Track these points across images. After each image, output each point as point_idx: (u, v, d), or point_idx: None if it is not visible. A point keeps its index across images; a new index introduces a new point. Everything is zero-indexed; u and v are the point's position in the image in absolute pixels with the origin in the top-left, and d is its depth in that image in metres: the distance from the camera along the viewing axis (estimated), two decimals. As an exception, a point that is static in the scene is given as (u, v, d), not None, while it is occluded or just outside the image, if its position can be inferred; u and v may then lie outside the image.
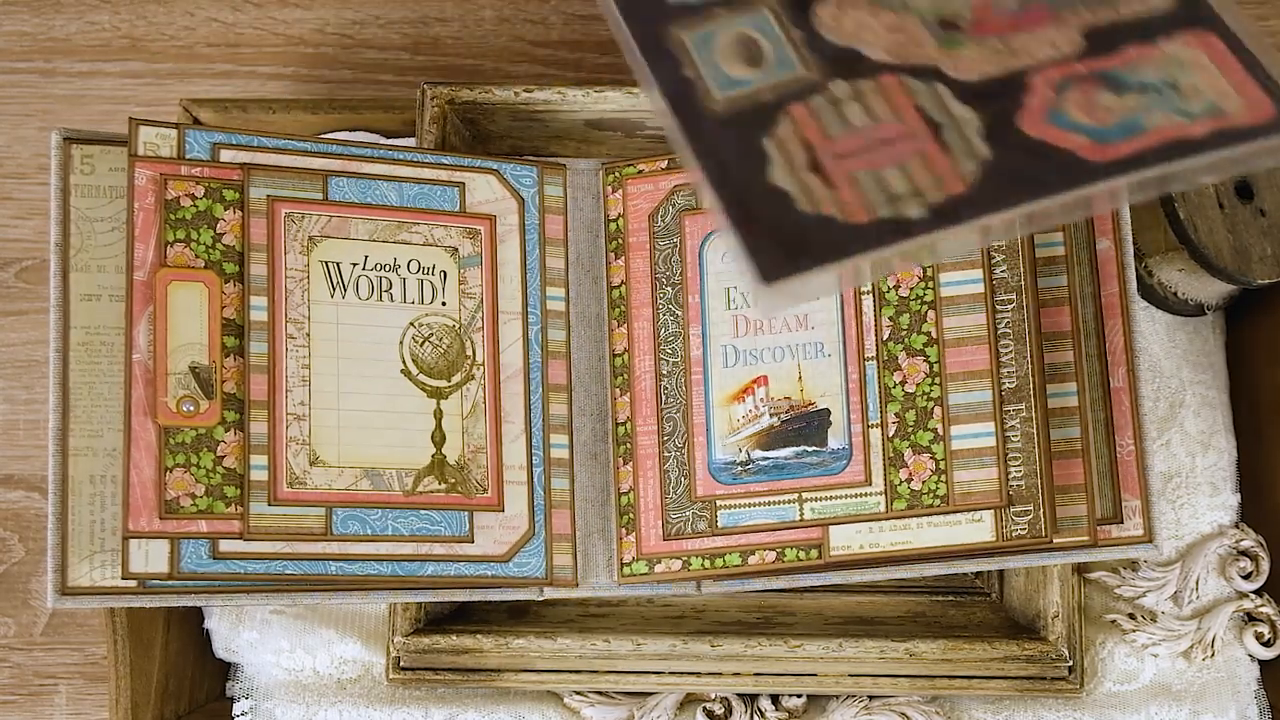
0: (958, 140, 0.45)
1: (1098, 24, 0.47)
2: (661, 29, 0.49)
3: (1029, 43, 0.47)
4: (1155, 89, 0.45)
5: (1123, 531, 0.67)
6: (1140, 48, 0.46)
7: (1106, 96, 0.45)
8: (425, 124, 0.70)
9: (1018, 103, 0.45)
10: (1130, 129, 0.44)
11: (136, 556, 0.60)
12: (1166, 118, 0.44)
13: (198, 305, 0.62)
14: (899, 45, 0.47)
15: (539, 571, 0.67)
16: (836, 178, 0.44)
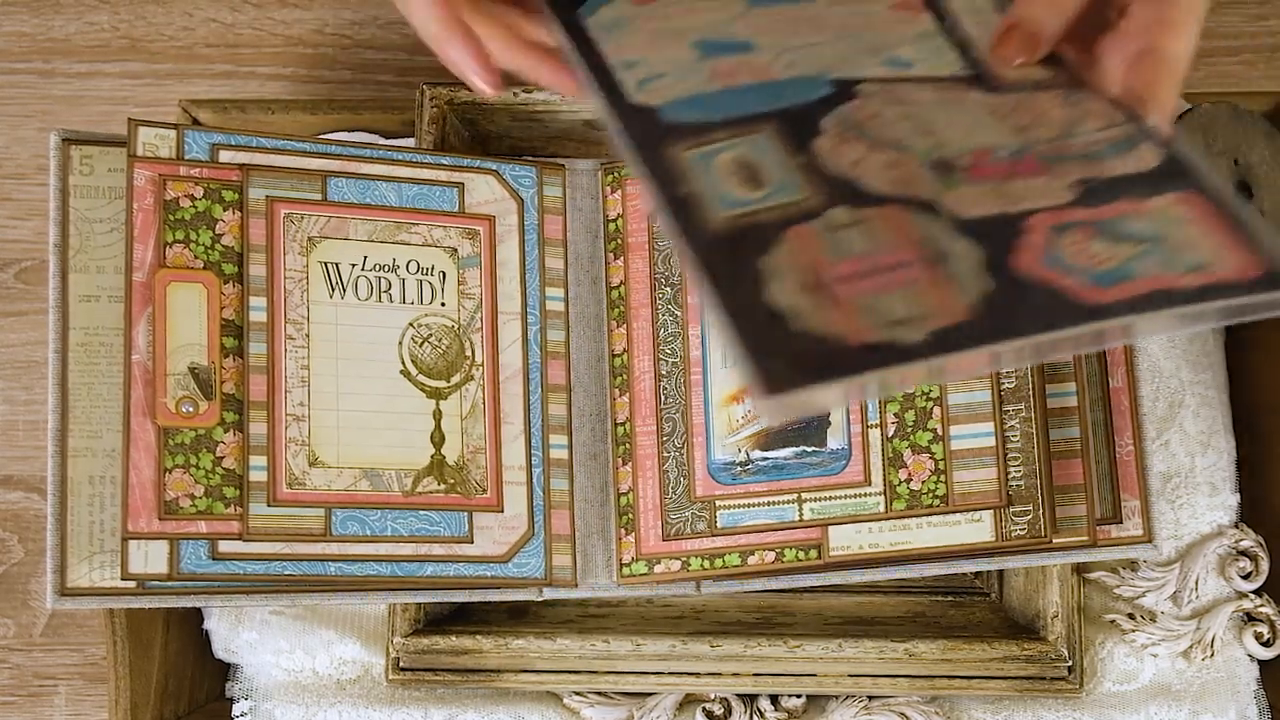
0: (958, 271, 0.46)
1: (1088, 178, 0.48)
2: (663, 148, 0.50)
3: (1024, 189, 0.48)
4: (1147, 240, 0.47)
5: (1122, 531, 0.67)
6: (1130, 203, 0.48)
7: (1100, 243, 0.47)
8: (424, 124, 0.70)
9: (1015, 242, 0.46)
10: (1123, 275, 0.46)
11: (136, 557, 0.60)
12: (1158, 267, 0.46)
13: (197, 306, 0.62)
14: (898, 179, 0.48)
15: (538, 572, 0.67)
16: (837, 299, 0.45)
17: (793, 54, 0.54)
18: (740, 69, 0.54)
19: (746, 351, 0.43)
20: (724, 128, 0.51)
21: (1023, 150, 0.50)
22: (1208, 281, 0.45)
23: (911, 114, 0.51)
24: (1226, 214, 0.47)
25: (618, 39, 0.56)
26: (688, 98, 0.52)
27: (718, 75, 0.53)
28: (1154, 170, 0.49)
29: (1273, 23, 0.81)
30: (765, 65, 0.53)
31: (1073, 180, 0.48)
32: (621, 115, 0.52)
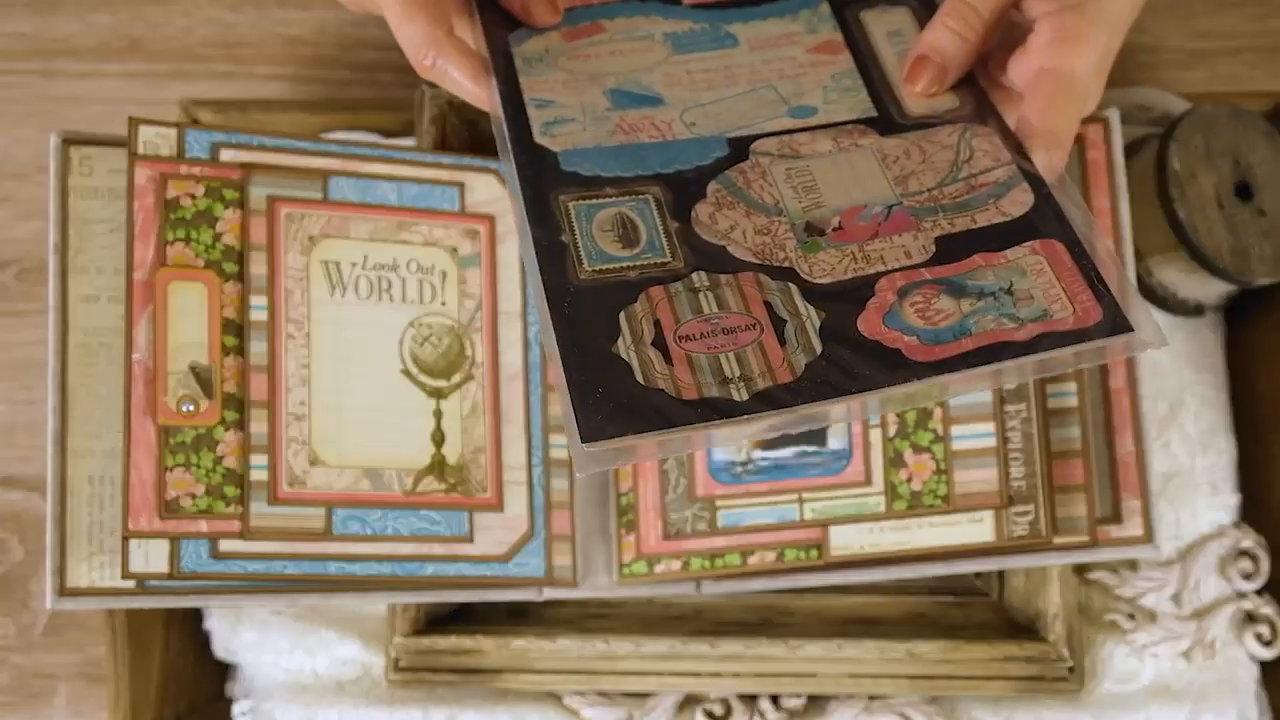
0: (796, 335, 0.49)
1: (952, 232, 0.51)
2: (551, 193, 0.53)
3: (883, 250, 0.51)
4: (991, 294, 0.49)
5: (1122, 532, 0.67)
6: (986, 255, 0.50)
7: (944, 301, 0.49)
8: (425, 124, 0.71)
9: (860, 305, 0.49)
10: (959, 332, 0.48)
11: (136, 556, 0.60)
12: (995, 321, 0.48)
13: (198, 305, 0.62)
14: (763, 247, 0.51)
15: (539, 572, 0.67)
16: (675, 356, 0.48)
17: (698, 111, 0.57)
18: (644, 125, 0.56)
19: (572, 402, 0.47)
20: (614, 185, 0.54)
21: (894, 205, 0.52)
22: (1044, 331, 0.48)
23: (797, 170, 0.54)
24: (1083, 260, 0.49)
25: (538, 74, 0.58)
26: (588, 149, 0.55)
27: (621, 129, 0.56)
28: (1020, 217, 0.51)
29: (1273, 23, 0.81)
30: (669, 123, 0.56)
31: (936, 236, 0.51)
32: (521, 153, 0.55)
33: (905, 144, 0.55)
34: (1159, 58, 0.81)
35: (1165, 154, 0.68)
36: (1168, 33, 0.81)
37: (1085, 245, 0.50)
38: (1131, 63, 0.80)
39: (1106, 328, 0.48)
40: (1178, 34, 0.81)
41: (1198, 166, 0.68)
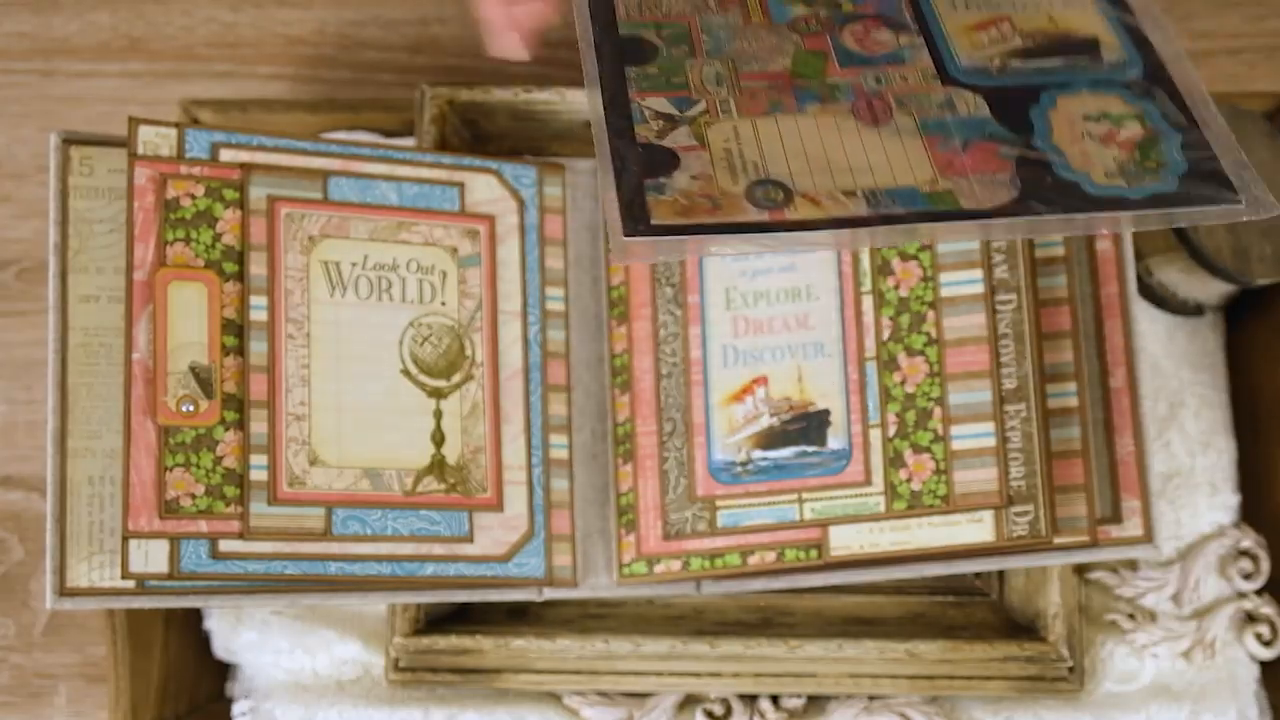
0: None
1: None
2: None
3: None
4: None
5: (1122, 532, 0.67)
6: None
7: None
8: (425, 124, 0.71)
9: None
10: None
11: (136, 556, 0.60)
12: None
13: (198, 305, 0.62)
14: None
15: (539, 572, 0.67)
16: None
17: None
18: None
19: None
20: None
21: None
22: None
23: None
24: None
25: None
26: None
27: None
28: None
29: (1273, 23, 0.81)
30: None
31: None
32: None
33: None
34: (1159, 58, 0.81)
35: (1165, 154, 0.68)
36: (1168, 33, 0.81)
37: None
38: (1131, 63, 0.80)
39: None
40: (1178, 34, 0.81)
41: (1198, 166, 0.68)
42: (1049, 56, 0.51)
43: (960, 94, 0.50)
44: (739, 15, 0.53)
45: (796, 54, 0.51)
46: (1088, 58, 0.50)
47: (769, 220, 0.47)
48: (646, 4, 0.53)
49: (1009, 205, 0.47)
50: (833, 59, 0.51)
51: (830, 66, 0.51)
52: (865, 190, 0.47)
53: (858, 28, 0.52)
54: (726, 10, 0.53)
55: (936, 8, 0.53)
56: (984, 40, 0.51)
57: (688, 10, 0.53)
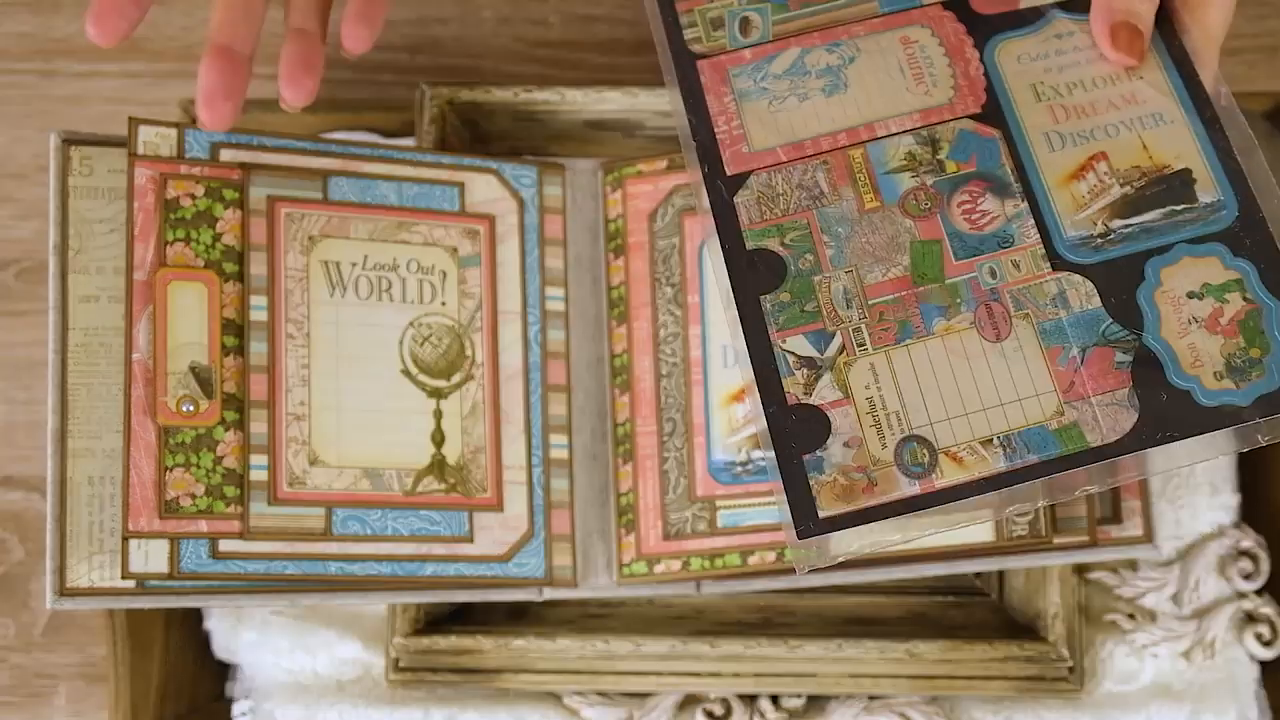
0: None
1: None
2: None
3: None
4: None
5: (1122, 532, 0.67)
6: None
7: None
8: (425, 124, 0.71)
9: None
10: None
11: (136, 556, 0.60)
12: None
13: (197, 305, 0.62)
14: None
15: (539, 572, 0.67)
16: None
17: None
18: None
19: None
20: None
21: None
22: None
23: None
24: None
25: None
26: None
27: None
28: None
29: (1273, 23, 0.81)
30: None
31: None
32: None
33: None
34: (1159, 58, 0.81)
35: (1165, 154, 0.68)
36: (1168, 33, 0.81)
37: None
38: (1131, 63, 0.80)
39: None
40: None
41: (1198, 166, 0.68)
42: (1148, 208, 0.51)
43: (1070, 280, 0.51)
44: (854, 201, 0.53)
45: (913, 248, 0.52)
46: (1185, 204, 0.51)
47: (920, 494, 0.48)
48: (765, 201, 0.54)
49: (1131, 436, 0.48)
50: (948, 250, 0.52)
51: (947, 260, 0.52)
52: (1001, 437, 0.49)
53: (965, 199, 0.52)
54: (840, 195, 0.53)
55: (1035, 152, 0.53)
56: (1084, 193, 0.52)
57: (805, 202, 0.54)
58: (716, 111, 0.56)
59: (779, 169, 0.54)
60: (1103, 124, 0.53)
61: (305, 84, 0.61)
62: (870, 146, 0.54)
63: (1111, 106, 0.53)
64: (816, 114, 0.55)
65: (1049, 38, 0.55)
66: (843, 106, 0.55)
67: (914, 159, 0.54)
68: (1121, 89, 0.54)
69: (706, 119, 0.56)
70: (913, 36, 0.56)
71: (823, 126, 0.55)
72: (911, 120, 0.55)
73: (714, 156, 0.55)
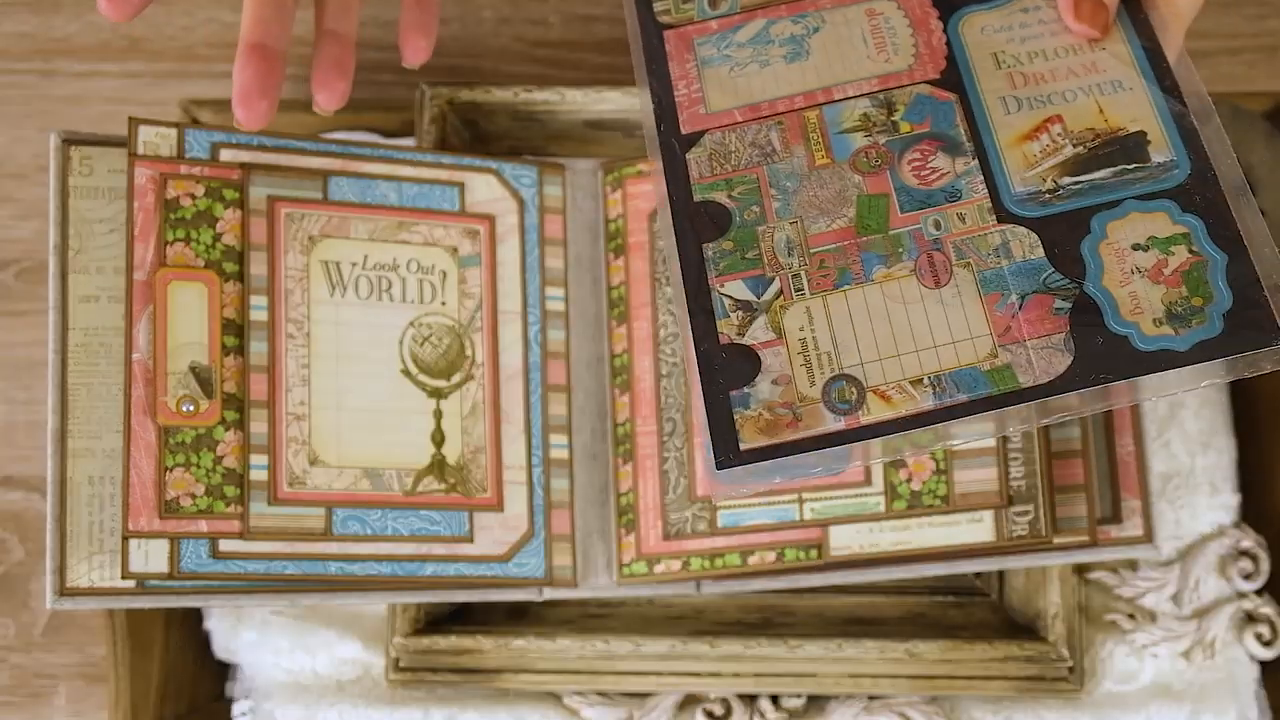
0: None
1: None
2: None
3: None
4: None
5: (1122, 532, 0.67)
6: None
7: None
8: (425, 124, 0.71)
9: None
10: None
11: (136, 556, 0.60)
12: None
13: (198, 305, 0.62)
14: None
15: (539, 572, 0.67)
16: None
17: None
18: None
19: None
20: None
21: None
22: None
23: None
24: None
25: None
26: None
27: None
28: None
29: (1273, 23, 0.81)
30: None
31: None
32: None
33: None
34: (1159, 58, 0.81)
35: (1165, 154, 0.68)
36: (1168, 33, 0.81)
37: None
38: (1131, 63, 0.80)
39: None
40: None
41: (1198, 166, 0.68)
42: (1099, 167, 0.52)
43: (1014, 233, 0.51)
44: (804, 157, 0.54)
45: (860, 201, 0.53)
46: (1137, 163, 0.52)
47: (845, 429, 0.49)
48: (717, 157, 0.55)
49: (1064, 377, 0.48)
50: (894, 203, 0.53)
51: (892, 213, 0.52)
52: (931, 377, 0.49)
53: (915, 157, 0.53)
54: (792, 153, 0.54)
55: (989, 114, 0.54)
56: (1035, 153, 0.53)
57: (756, 158, 0.55)
58: (678, 76, 0.57)
59: (734, 129, 0.55)
60: (1061, 90, 0.54)
61: (338, 87, 0.61)
62: (826, 108, 0.55)
63: (1071, 74, 0.54)
64: (776, 79, 0.56)
65: (1014, 11, 0.56)
66: (803, 72, 0.56)
67: (868, 120, 0.55)
68: (1083, 58, 0.54)
69: (667, 83, 0.57)
70: (878, 9, 0.57)
71: (781, 90, 0.56)
72: (869, 85, 0.55)
73: (671, 117, 0.56)
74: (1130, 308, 0.49)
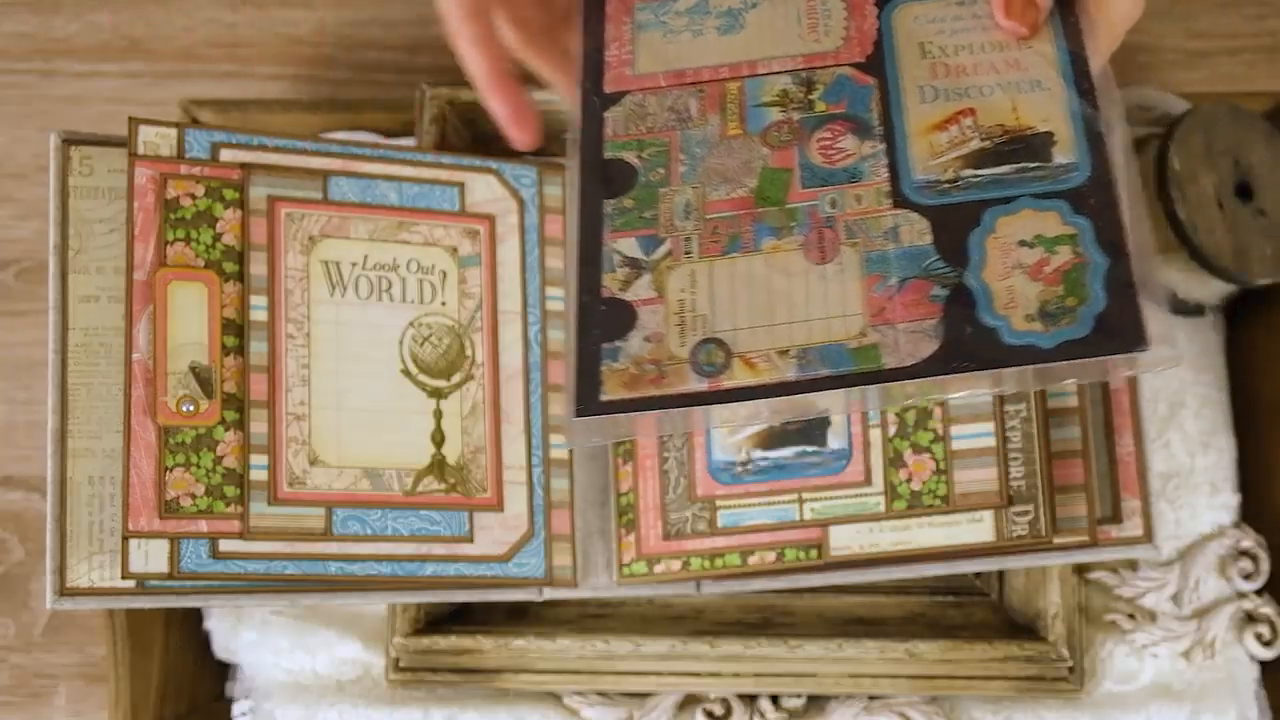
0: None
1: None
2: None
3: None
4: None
5: (1122, 532, 0.67)
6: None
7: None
8: (425, 124, 0.71)
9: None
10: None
11: (136, 556, 0.60)
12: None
13: (198, 305, 0.62)
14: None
15: (539, 572, 0.67)
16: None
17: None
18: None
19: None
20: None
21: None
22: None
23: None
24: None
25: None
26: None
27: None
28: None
29: (1273, 23, 0.81)
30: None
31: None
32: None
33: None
34: (1159, 58, 0.81)
35: (1165, 154, 0.68)
36: (1168, 33, 0.81)
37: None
38: (1131, 63, 0.80)
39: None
40: (1178, 34, 0.81)
41: (1198, 166, 0.68)
42: (1002, 162, 0.52)
43: (907, 218, 0.51)
44: (718, 126, 0.55)
45: (763, 173, 0.53)
46: (1039, 162, 0.52)
47: (707, 390, 0.49)
48: (634, 118, 0.55)
49: (927, 362, 0.48)
50: (796, 178, 0.53)
51: (793, 188, 0.53)
52: (798, 349, 0.49)
53: (825, 135, 0.53)
54: (707, 120, 0.55)
55: (905, 101, 0.54)
56: (942, 143, 0.53)
57: (672, 122, 0.55)
58: (611, 38, 0.58)
59: (655, 92, 0.56)
60: (980, 84, 0.54)
61: (531, 125, 0.61)
62: (748, 81, 0.55)
63: (993, 70, 0.54)
64: (705, 48, 0.57)
65: (950, 4, 0.56)
66: (732, 44, 0.57)
67: (786, 96, 0.55)
68: (1007, 55, 0.54)
69: (600, 43, 0.57)
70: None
71: (708, 59, 0.56)
72: (794, 62, 0.56)
73: (596, 75, 0.57)
74: (1005, 301, 0.49)
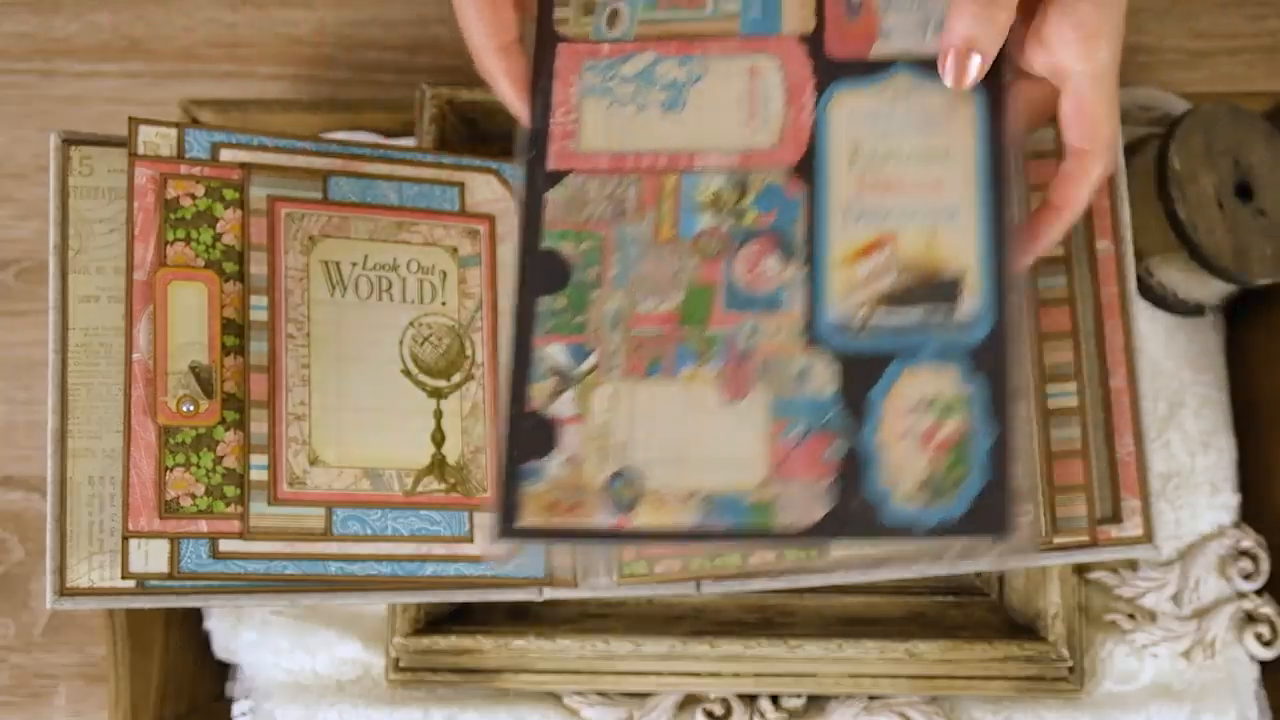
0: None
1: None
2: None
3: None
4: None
5: (1122, 532, 0.67)
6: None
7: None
8: (425, 124, 0.71)
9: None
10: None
11: (136, 556, 0.60)
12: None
13: (198, 305, 0.62)
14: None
15: (539, 572, 0.67)
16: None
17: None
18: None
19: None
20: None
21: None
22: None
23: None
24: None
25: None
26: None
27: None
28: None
29: (1273, 23, 0.81)
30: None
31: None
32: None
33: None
34: (1159, 58, 0.81)
35: (1165, 154, 0.68)
36: (1168, 33, 0.81)
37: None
38: (1131, 63, 0.81)
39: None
40: (1178, 34, 0.81)
41: (1198, 166, 0.68)
42: (911, 305, 0.51)
43: (818, 361, 0.50)
44: (652, 225, 0.53)
45: (689, 290, 0.52)
46: (944, 309, 0.51)
47: (615, 528, 0.49)
48: (574, 204, 0.54)
49: (813, 529, 0.48)
50: (719, 298, 0.52)
51: (715, 309, 0.52)
52: (703, 495, 0.49)
53: (751, 252, 0.52)
54: (643, 217, 0.54)
55: (830, 223, 0.53)
56: (860, 276, 0.51)
57: (608, 215, 0.54)
58: (559, 101, 0.56)
59: (596, 176, 0.54)
60: (902, 206, 0.52)
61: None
62: (685, 176, 0.54)
63: (917, 189, 0.53)
64: (648, 128, 0.55)
65: (886, 97, 0.54)
66: (674, 126, 0.55)
67: (719, 199, 0.54)
68: (931, 170, 0.53)
69: (548, 104, 0.56)
70: (760, 67, 0.56)
71: (650, 143, 0.55)
72: (729, 160, 0.54)
73: (542, 145, 0.55)
74: (893, 470, 0.48)
